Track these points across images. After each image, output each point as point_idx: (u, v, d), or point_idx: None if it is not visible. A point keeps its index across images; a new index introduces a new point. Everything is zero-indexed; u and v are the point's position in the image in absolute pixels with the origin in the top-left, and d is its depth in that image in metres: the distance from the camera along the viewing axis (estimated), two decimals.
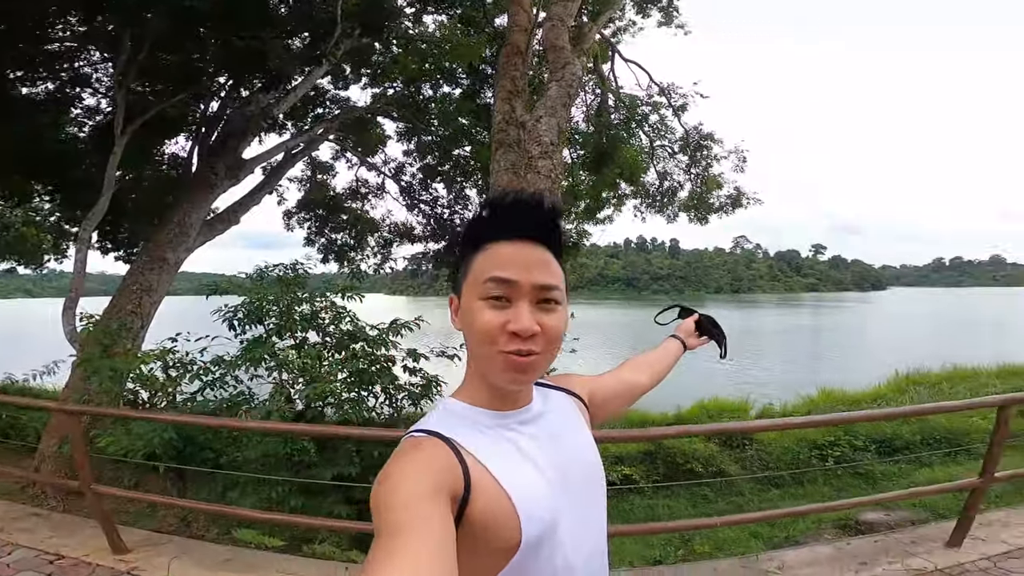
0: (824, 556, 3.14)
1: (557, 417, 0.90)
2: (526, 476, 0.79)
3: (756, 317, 65.29)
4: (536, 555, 0.76)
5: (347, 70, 11.98)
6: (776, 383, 19.38)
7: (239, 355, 5.68)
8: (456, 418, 0.81)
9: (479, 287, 0.80)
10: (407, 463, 0.71)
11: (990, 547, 3.07)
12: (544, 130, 4.83)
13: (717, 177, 12.15)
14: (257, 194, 11.95)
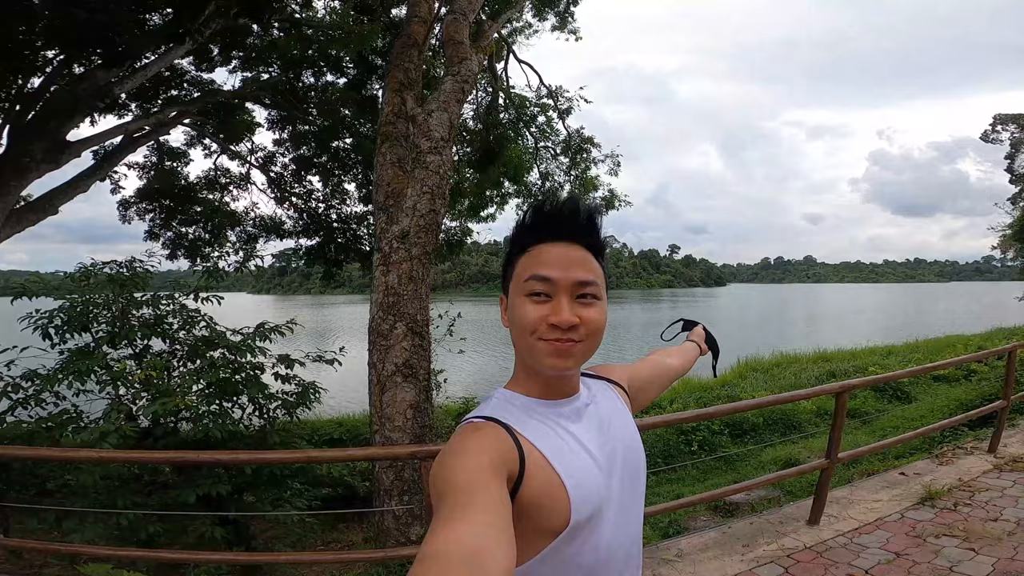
0: (713, 540, 3.40)
1: (604, 405, 0.95)
2: (578, 461, 0.83)
3: (625, 311, 70.63)
4: (580, 537, 0.80)
5: (215, 51, 10.64)
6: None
7: (58, 368, 4.72)
8: (511, 406, 0.85)
9: (522, 285, 0.86)
10: (468, 442, 0.76)
11: (843, 524, 3.40)
12: (435, 124, 4.66)
13: (594, 179, 12.83)
14: (84, 181, 10.16)
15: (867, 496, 3.88)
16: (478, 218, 14.06)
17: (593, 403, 0.93)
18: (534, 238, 0.86)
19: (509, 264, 0.90)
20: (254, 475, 4.44)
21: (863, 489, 4.06)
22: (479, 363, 27.49)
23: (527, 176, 12.45)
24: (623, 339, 37.56)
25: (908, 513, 3.57)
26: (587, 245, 0.87)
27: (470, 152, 11.02)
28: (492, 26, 6.38)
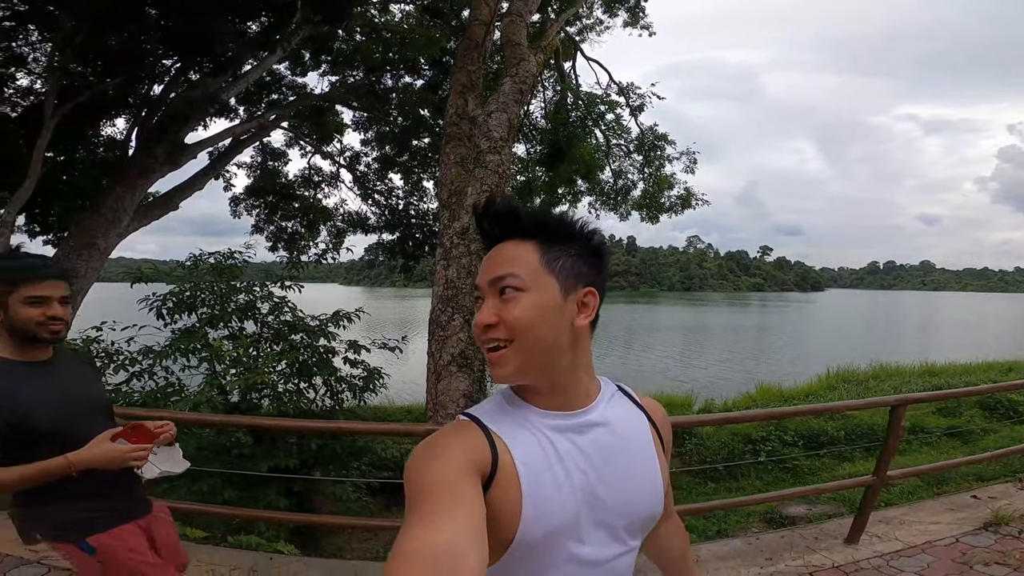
0: (735, 550, 3.29)
1: (620, 433, 0.85)
2: (549, 479, 0.77)
3: (706, 314, 67.57)
4: (529, 557, 0.76)
5: (306, 56, 11.61)
6: (722, 379, 20.21)
7: (168, 345, 5.43)
8: (505, 409, 0.82)
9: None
10: (446, 440, 0.75)
11: (885, 545, 3.19)
12: (494, 125, 4.83)
13: (669, 177, 12.47)
14: (200, 179, 11.43)
15: (925, 517, 3.57)
16: None
17: (605, 426, 0.84)
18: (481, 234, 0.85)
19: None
20: (319, 452, 4.87)
21: (923, 510, 3.73)
22: None
23: (600, 174, 12.37)
24: (704, 342, 36.06)
25: (965, 538, 3.27)
26: (524, 238, 0.81)
27: (540, 150, 11.13)
28: (553, 25, 6.43)
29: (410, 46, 9.57)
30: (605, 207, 13.19)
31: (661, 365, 24.84)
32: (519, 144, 11.54)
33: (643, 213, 13.20)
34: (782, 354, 29.53)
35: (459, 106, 5.14)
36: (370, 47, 10.53)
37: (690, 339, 38.55)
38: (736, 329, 47.13)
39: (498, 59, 7.08)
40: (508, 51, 5.27)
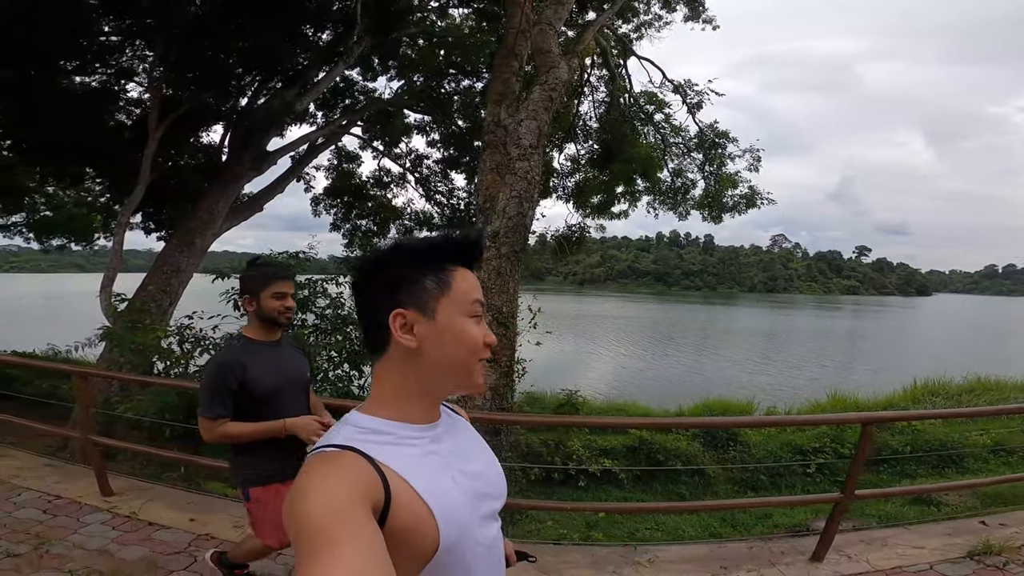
0: (695, 555, 3.28)
1: (465, 432, 0.97)
2: (443, 486, 0.82)
3: (790, 318, 63.49)
4: (451, 559, 0.79)
5: (375, 62, 12.38)
6: (796, 386, 19.13)
7: None
8: (370, 433, 0.81)
9: (465, 306, 0.86)
10: (327, 476, 0.71)
11: (849, 566, 3.07)
12: (524, 133, 5.05)
13: (733, 176, 12.05)
14: (282, 183, 12.57)
15: (914, 540, 3.36)
16: (609, 215, 14.15)
17: (455, 429, 0.94)
18: (461, 261, 0.89)
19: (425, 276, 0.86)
20: None
21: (915, 532, 3.51)
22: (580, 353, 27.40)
23: (659, 173, 12.18)
24: (781, 347, 34.06)
25: (941, 566, 3.06)
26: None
27: (591, 151, 11.16)
28: (589, 29, 6.48)
29: (465, 50, 9.98)
30: (664, 206, 12.97)
31: (728, 371, 23.87)
32: (569, 145, 11.64)
33: (704, 213, 12.86)
34: (870, 363, 27.36)
35: (495, 114, 5.41)
36: (430, 52, 11.06)
37: (767, 344, 36.56)
38: (822, 335, 44.00)
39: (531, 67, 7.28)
40: (538, 59, 5.45)
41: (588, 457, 7.14)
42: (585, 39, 6.42)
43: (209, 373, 2.26)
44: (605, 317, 54.27)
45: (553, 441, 8.13)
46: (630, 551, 3.29)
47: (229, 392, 2.19)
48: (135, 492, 3.98)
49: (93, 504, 3.73)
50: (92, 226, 16.80)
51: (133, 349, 6.98)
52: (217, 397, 2.18)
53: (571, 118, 10.43)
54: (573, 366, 23.85)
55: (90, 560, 2.98)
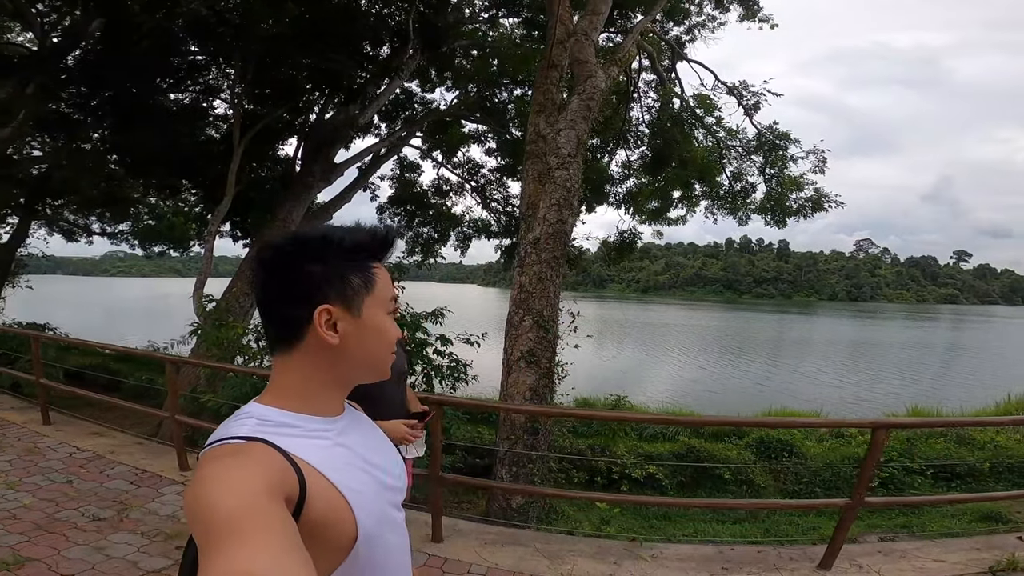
0: (700, 554, 3.27)
1: (367, 425, 0.97)
2: (355, 474, 0.82)
3: (878, 329, 58.91)
4: (369, 550, 0.79)
5: (432, 73, 13.00)
6: (878, 400, 17.90)
7: None
8: (275, 425, 0.78)
9: (385, 303, 0.87)
10: (233, 466, 0.67)
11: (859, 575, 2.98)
12: (563, 142, 5.23)
13: (798, 178, 11.57)
14: (349, 192, 13.43)
15: (937, 553, 3.17)
16: (665, 221, 13.96)
17: (357, 422, 0.94)
18: (377, 255, 0.89)
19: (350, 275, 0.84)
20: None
21: (939, 546, 3.31)
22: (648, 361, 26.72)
23: (717, 177, 11.91)
24: (869, 359, 31.76)
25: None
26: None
27: (645, 156, 11.10)
28: (629, 37, 6.52)
29: (513, 61, 10.30)
30: (723, 211, 12.64)
31: (799, 384, 22.64)
32: (620, 151, 11.62)
33: (766, 217, 12.41)
34: (966, 377, 24.99)
35: (536, 125, 5.64)
36: (483, 63, 11.48)
37: (848, 356, 34.21)
38: (914, 346, 40.50)
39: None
40: (576, 69, 5.59)
41: (631, 462, 7.17)
42: (624, 46, 6.49)
43: None
44: (669, 326, 52.79)
45: (599, 445, 8.20)
46: (635, 546, 3.37)
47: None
48: None
49: (171, 477, 4.30)
50: (188, 234, 18.67)
51: (218, 344, 7.80)
52: None
53: (621, 124, 10.44)
54: (632, 374, 23.53)
55: (160, 524, 3.45)
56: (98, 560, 2.92)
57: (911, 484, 6.90)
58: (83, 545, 3.08)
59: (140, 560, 2.97)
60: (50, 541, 3.13)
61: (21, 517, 3.39)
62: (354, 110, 10.71)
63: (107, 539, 3.19)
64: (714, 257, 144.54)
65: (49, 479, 4.11)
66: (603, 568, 3.04)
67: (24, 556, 2.88)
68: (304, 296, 0.82)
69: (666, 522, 6.32)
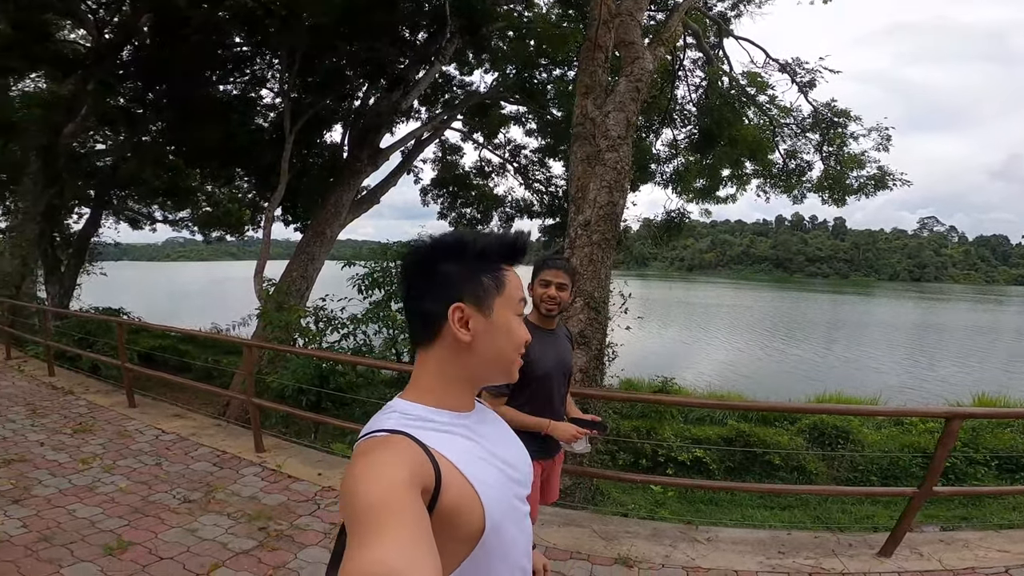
0: (756, 539, 3.23)
1: (495, 422, 1.00)
2: (486, 467, 0.85)
3: (944, 311, 55.54)
4: (496, 540, 0.82)
5: (470, 56, 12.96)
6: (938, 388, 17.02)
7: (363, 314, 7.07)
8: (416, 420, 0.84)
9: (514, 304, 0.91)
10: (380, 458, 0.73)
11: (917, 563, 2.93)
12: (612, 124, 5.15)
13: (859, 156, 10.98)
14: (394, 177, 13.67)
15: (995, 543, 3.05)
16: (714, 199, 13.57)
17: (485, 416, 0.97)
18: (508, 258, 0.92)
19: (483, 277, 0.88)
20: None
21: (1002, 536, 3.17)
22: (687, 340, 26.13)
23: (769, 155, 11.45)
24: (933, 344, 30.12)
25: (1019, 571, 2.79)
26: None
27: (689, 135, 10.76)
28: (674, 17, 6.25)
29: (551, 41, 10.15)
30: (775, 189, 12.17)
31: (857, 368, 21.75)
32: (667, 130, 11.30)
33: (824, 196, 11.88)
34: None
35: (583, 107, 5.56)
36: (520, 44, 11.36)
37: (910, 340, 32.50)
38: (984, 331, 38.01)
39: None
40: (622, 51, 5.44)
41: (678, 445, 7.13)
42: (670, 26, 6.25)
43: None
44: (715, 306, 51.44)
45: (644, 428, 8.19)
46: (691, 529, 3.39)
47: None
48: (279, 449, 4.78)
49: (248, 459, 4.55)
50: (243, 220, 19.52)
51: (280, 326, 8.22)
52: None
53: (666, 103, 10.13)
54: (678, 356, 23.18)
55: (243, 505, 3.67)
56: (192, 542, 3.11)
57: (974, 475, 6.60)
58: (177, 528, 3.28)
59: (229, 542, 3.15)
60: (147, 524, 3.32)
61: (119, 501, 3.63)
62: (396, 96, 10.84)
63: (198, 521, 3.39)
64: (763, 235, 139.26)
65: (140, 462, 4.39)
66: (659, 550, 3.08)
67: (127, 540, 3.09)
68: (440, 294, 0.87)
69: (713, 507, 6.28)
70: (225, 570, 2.84)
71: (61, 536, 3.11)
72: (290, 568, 2.89)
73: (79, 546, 3.02)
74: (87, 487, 3.85)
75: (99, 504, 3.58)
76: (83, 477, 4.03)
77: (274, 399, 7.21)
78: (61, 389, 6.83)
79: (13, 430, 5.13)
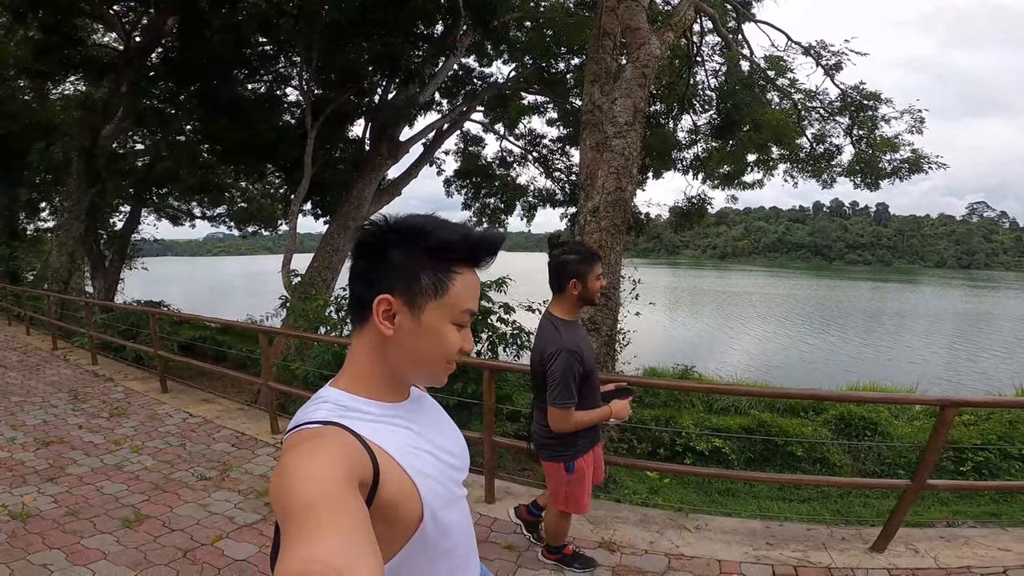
0: (747, 528, 3.19)
1: (431, 407, 0.98)
2: (423, 459, 0.84)
3: (993, 300, 52.87)
4: (434, 528, 0.81)
5: (488, 47, 12.96)
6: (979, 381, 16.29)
7: None
8: (348, 410, 0.81)
9: (455, 313, 0.84)
10: (313, 451, 0.70)
11: (909, 560, 2.83)
12: (619, 111, 5.10)
13: (894, 139, 10.55)
14: (415, 169, 13.83)
15: (1000, 541, 2.91)
16: (740, 185, 13.26)
17: (423, 405, 0.95)
18: (467, 261, 0.85)
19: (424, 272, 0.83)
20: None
21: (1009, 534, 3.02)
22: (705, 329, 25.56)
23: (796, 140, 11.10)
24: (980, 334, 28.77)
25: (1019, 572, 2.65)
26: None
27: (711, 121, 10.51)
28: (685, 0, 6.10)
29: (567, 30, 10.07)
30: (804, 174, 11.79)
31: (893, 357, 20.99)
32: (687, 116, 11.06)
33: (855, 180, 11.47)
34: None
35: (591, 94, 5.53)
36: (537, 34, 11.29)
37: (954, 329, 31.11)
38: None
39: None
40: (628, 37, 5.34)
41: (697, 434, 7.06)
42: (680, 10, 6.12)
43: (563, 360, 2.19)
44: (748, 294, 50.22)
45: (664, 416, 8.13)
46: (681, 516, 3.38)
47: (576, 378, 2.19)
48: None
49: (264, 440, 4.78)
50: (276, 214, 20.14)
51: (303, 316, 8.48)
52: (571, 385, 2.18)
53: (685, 88, 9.92)
54: (704, 345, 22.81)
55: (253, 482, 3.88)
56: (202, 516, 3.34)
57: (1008, 470, 6.32)
58: (191, 503, 3.52)
59: (236, 516, 3.36)
60: (165, 500, 3.53)
61: (143, 478, 3.91)
62: (413, 90, 10.95)
63: (210, 496, 3.62)
64: (799, 222, 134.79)
65: (167, 443, 4.68)
66: (645, 536, 3.09)
67: (143, 514, 3.33)
68: (374, 280, 0.84)
69: (730, 498, 6.22)
70: (228, 540, 3.03)
71: (87, 511, 3.36)
72: None
73: (101, 520, 3.25)
74: (116, 466, 4.12)
75: (124, 482, 3.83)
76: (114, 457, 4.31)
77: (302, 386, 7.49)
78: (102, 376, 7.26)
79: (55, 414, 5.50)
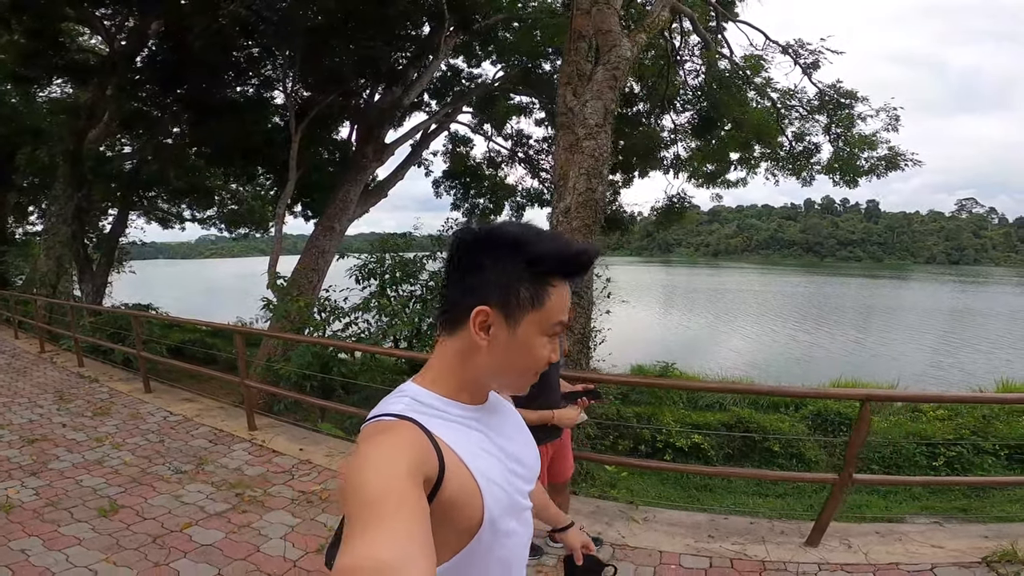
0: (692, 521, 3.33)
1: (507, 413, 0.98)
2: (488, 459, 0.84)
3: (981, 295, 53.46)
4: (494, 533, 0.81)
5: (476, 48, 13.05)
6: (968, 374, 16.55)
7: (360, 304, 7.38)
8: (425, 407, 0.83)
9: (548, 326, 0.84)
10: (383, 444, 0.72)
11: (838, 555, 2.88)
12: (590, 113, 5.23)
13: (871, 137, 10.76)
14: (402, 170, 13.92)
15: (935, 539, 3.01)
16: (724, 183, 13.45)
17: (499, 411, 0.96)
18: (564, 274, 0.85)
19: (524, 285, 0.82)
20: None
21: (946, 531, 3.13)
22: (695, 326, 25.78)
23: (776, 138, 11.30)
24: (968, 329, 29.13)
25: (946, 569, 2.73)
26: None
27: (690, 120, 10.69)
28: (658, 3, 6.23)
29: (554, 31, 10.21)
30: (784, 171, 12.00)
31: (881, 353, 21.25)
32: (667, 116, 11.23)
33: (834, 177, 11.68)
34: None
35: (564, 96, 5.66)
36: (525, 35, 11.41)
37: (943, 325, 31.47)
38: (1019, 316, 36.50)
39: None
40: (600, 40, 5.48)
41: (676, 432, 7.21)
42: (654, 12, 6.26)
43: None
44: (741, 292, 50.56)
45: (646, 414, 8.28)
46: (631, 508, 3.50)
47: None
48: (269, 428, 5.15)
49: (241, 436, 4.92)
50: (266, 216, 20.13)
51: (287, 317, 8.58)
52: None
53: (666, 88, 10.08)
54: (690, 344, 23.02)
55: (227, 475, 4.02)
56: (175, 506, 3.48)
57: (980, 464, 6.49)
58: (166, 494, 3.66)
59: (207, 505, 3.50)
60: (141, 492, 3.69)
61: (121, 472, 4.04)
62: (397, 92, 11.05)
63: (184, 488, 3.76)
64: (791, 219, 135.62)
65: (146, 439, 4.81)
66: (595, 527, 3.21)
67: (119, 504, 3.47)
68: (472, 289, 0.83)
69: (707, 493, 6.35)
70: (197, 528, 3.16)
71: (66, 502, 3.47)
72: (253, 527, 3.18)
73: (79, 510, 3.37)
74: (96, 461, 4.24)
75: (103, 475, 3.95)
76: (95, 453, 4.43)
77: (289, 387, 7.59)
78: (88, 378, 7.34)
79: (40, 414, 5.60)
